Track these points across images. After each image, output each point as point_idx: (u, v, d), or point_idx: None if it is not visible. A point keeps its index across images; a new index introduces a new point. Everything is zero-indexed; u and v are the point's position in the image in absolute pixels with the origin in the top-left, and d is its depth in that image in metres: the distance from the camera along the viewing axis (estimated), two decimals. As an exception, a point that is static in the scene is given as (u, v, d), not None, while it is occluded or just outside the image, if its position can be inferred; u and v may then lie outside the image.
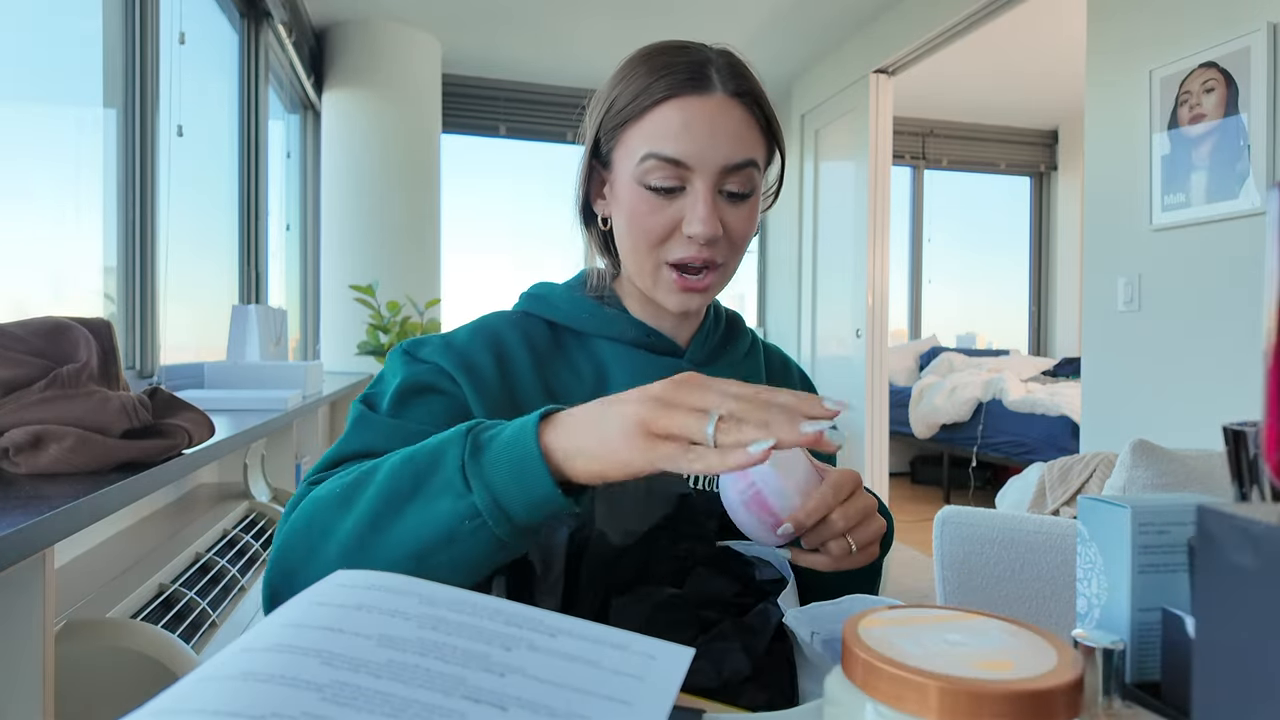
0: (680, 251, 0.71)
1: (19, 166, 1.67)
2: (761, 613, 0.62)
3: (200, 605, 1.30)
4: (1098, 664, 0.40)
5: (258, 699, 0.30)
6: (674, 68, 0.69)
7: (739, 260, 0.76)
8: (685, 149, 0.68)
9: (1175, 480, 1.32)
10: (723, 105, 0.69)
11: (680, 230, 0.70)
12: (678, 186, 0.69)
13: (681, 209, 0.70)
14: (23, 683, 0.77)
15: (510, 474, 0.50)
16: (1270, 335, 0.29)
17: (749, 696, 0.61)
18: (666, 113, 0.69)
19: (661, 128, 0.69)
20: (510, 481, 0.50)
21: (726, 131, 0.69)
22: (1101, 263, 2.61)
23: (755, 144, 0.71)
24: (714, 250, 0.71)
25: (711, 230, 0.69)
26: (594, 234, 0.80)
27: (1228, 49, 2.17)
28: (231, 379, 2.07)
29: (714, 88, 0.69)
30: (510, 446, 0.51)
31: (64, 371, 0.91)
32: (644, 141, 0.69)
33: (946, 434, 4.69)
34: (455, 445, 0.52)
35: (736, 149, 0.69)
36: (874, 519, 0.61)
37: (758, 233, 0.78)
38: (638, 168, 0.70)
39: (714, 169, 0.69)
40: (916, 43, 3.58)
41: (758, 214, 0.75)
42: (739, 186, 0.71)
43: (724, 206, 0.71)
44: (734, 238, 0.72)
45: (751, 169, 0.71)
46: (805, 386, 0.87)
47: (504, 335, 0.74)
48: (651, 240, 0.71)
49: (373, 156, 3.96)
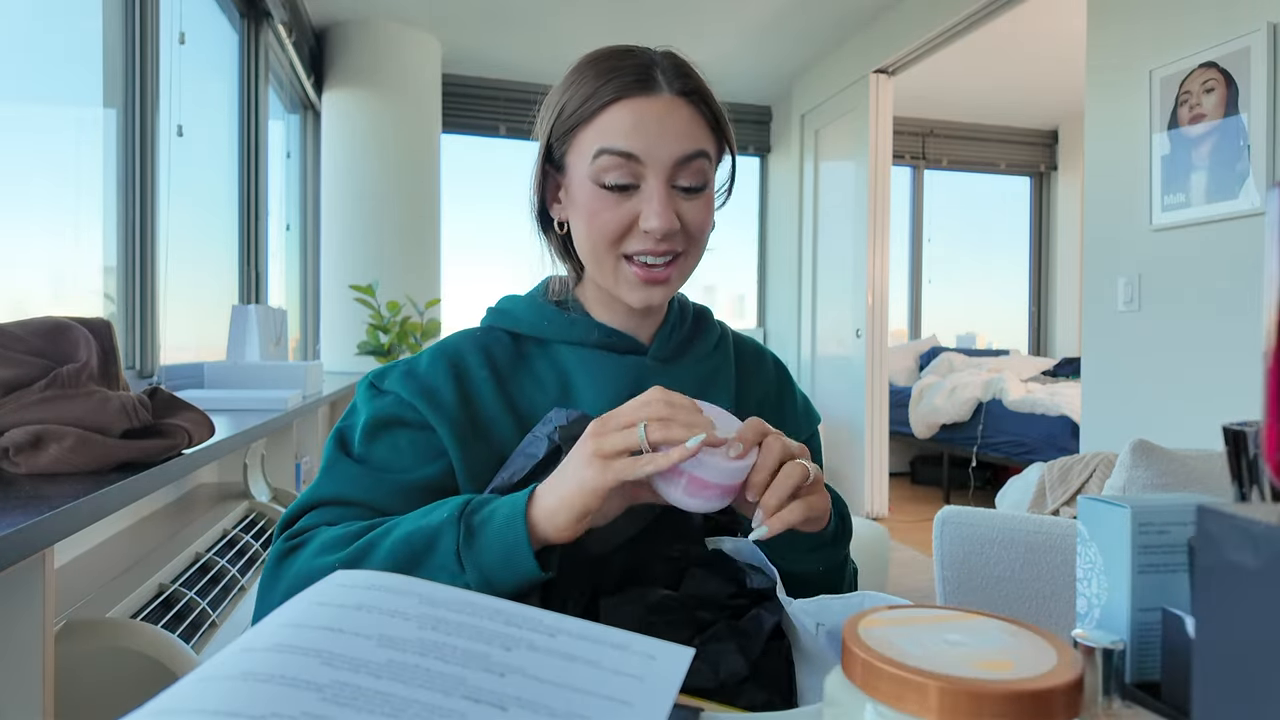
0: (638, 245, 0.72)
1: (19, 166, 1.67)
2: (755, 618, 0.62)
3: (200, 605, 1.30)
4: (1098, 664, 0.40)
5: (258, 699, 0.30)
6: (621, 70, 0.72)
7: (699, 254, 0.77)
8: (637, 144, 0.70)
9: (1175, 480, 1.32)
10: (670, 104, 0.71)
11: (637, 225, 0.71)
12: (632, 184, 0.71)
13: (637, 205, 0.71)
14: (23, 683, 0.77)
15: (501, 559, 0.57)
16: (1270, 335, 0.29)
17: (748, 696, 0.61)
18: (616, 113, 0.71)
19: (612, 127, 0.71)
20: (500, 566, 0.57)
21: (675, 128, 0.71)
22: (1101, 263, 2.61)
23: (704, 138, 0.73)
24: (671, 243, 0.72)
25: (667, 224, 0.70)
26: (553, 239, 0.82)
27: (1228, 49, 2.17)
28: (231, 379, 2.07)
29: (660, 88, 0.71)
30: (502, 532, 0.57)
31: (64, 371, 0.91)
32: (596, 140, 0.71)
33: (946, 434, 4.69)
34: (450, 529, 0.58)
35: (686, 142, 0.71)
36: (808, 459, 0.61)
37: (759, 233, 0.78)
38: (591, 166, 0.71)
39: (666, 163, 0.71)
40: (916, 43, 3.58)
41: (713, 208, 0.76)
42: (692, 179, 0.72)
43: (679, 200, 0.72)
44: (691, 230, 0.73)
45: (702, 160, 0.73)
46: (780, 374, 0.87)
47: (465, 355, 0.76)
48: (609, 237, 0.72)
49: (373, 156, 3.96)
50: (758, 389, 0.84)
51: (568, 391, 0.75)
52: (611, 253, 0.73)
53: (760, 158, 5.33)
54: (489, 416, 0.72)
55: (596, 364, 0.76)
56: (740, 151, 5.46)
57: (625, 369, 0.77)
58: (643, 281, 0.73)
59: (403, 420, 0.71)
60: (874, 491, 4.16)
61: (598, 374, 0.76)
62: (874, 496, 4.17)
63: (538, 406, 0.74)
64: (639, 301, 0.74)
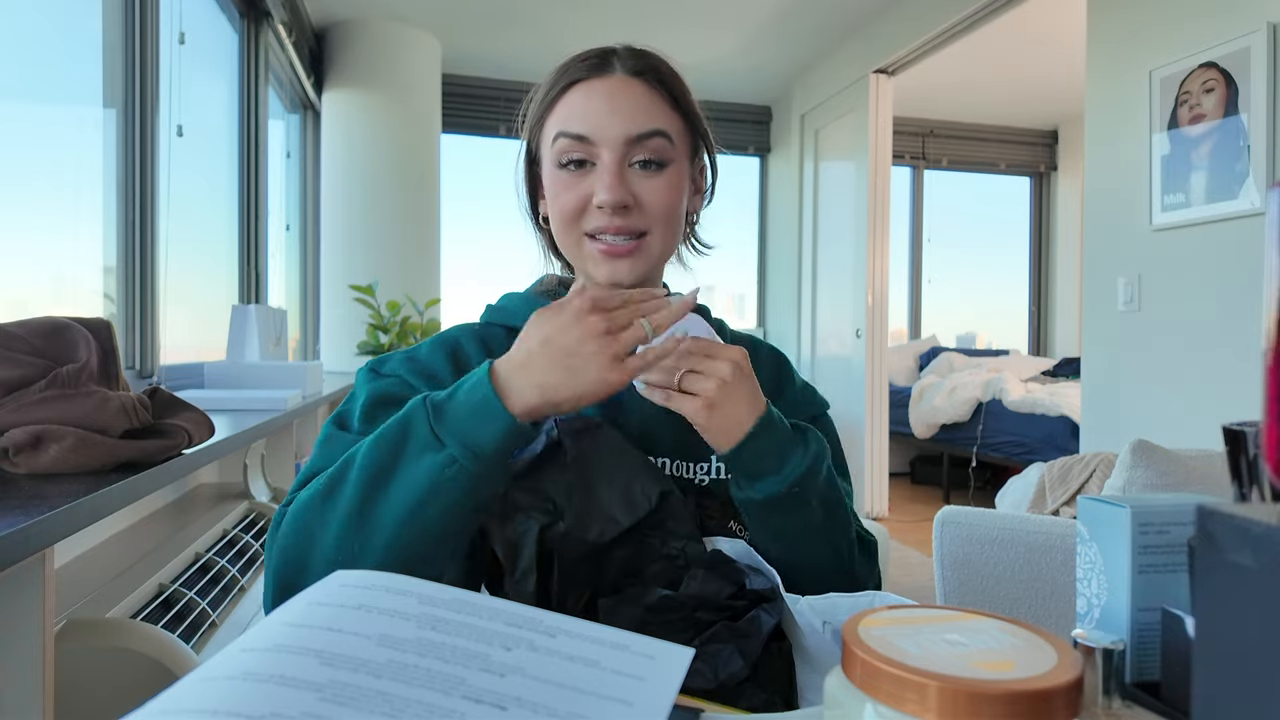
0: (595, 222, 0.73)
1: (19, 166, 1.67)
2: (754, 619, 0.62)
3: (200, 605, 1.30)
4: (1098, 664, 0.40)
5: (258, 699, 0.30)
6: (578, 59, 0.75)
7: (670, 236, 0.77)
8: (587, 124, 0.72)
9: (1175, 480, 1.32)
10: (622, 82, 0.74)
11: (592, 202, 0.73)
12: (587, 160, 0.73)
13: (592, 183, 0.73)
14: (23, 683, 0.77)
15: (473, 419, 0.58)
16: (1270, 335, 0.29)
17: (747, 697, 0.61)
18: (571, 97, 0.74)
19: (567, 110, 0.74)
20: (475, 425, 0.58)
21: (626, 106, 0.73)
22: (1101, 263, 2.61)
23: (661, 117, 0.74)
24: (627, 218, 0.73)
25: (616, 197, 0.71)
26: (543, 235, 0.84)
27: (1228, 49, 2.17)
28: (231, 379, 2.07)
29: (613, 69, 0.74)
30: (469, 396, 0.59)
31: (64, 371, 0.91)
32: (555, 126, 0.74)
33: (946, 434, 4.69)
34: (419, 413, 0.60)
35: (638, 120, 0.72)
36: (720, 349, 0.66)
37: (760, 233, 0.79)
38: (552, 151, 0.74)
39: (617, 140, 0.72)
40: (916, 43, 3.58)
41: (679, 188, 0.76)
42: (649, 155, 0.73)
43: (636, 178, 0.73)
44: (652, 208, 0.74)
45: (659, 139, 0.73)
46: (776, 364, 0.87)
47: (464, 344, 0.77)
48: (568, 215, 0.74)
49: (373, 156, 3.96)
50: None
51: None
52: (573, 231, 0.75)
53: (760, 158, 5.33)
54: None
55: None
56: (740, 151, 5.47)
57: None
58: (604, 255, 0.74)
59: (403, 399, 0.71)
60: (874, 491, 4.16)
61: None
62: (874, 496, 4.17)
63: None
64: (605, 277, 0.75)
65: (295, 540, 0.61)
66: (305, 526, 0.61)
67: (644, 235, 0.74)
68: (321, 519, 0.60)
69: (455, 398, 0.60)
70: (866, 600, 0.56)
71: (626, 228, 0.73)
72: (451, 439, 0.58)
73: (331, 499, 0.60)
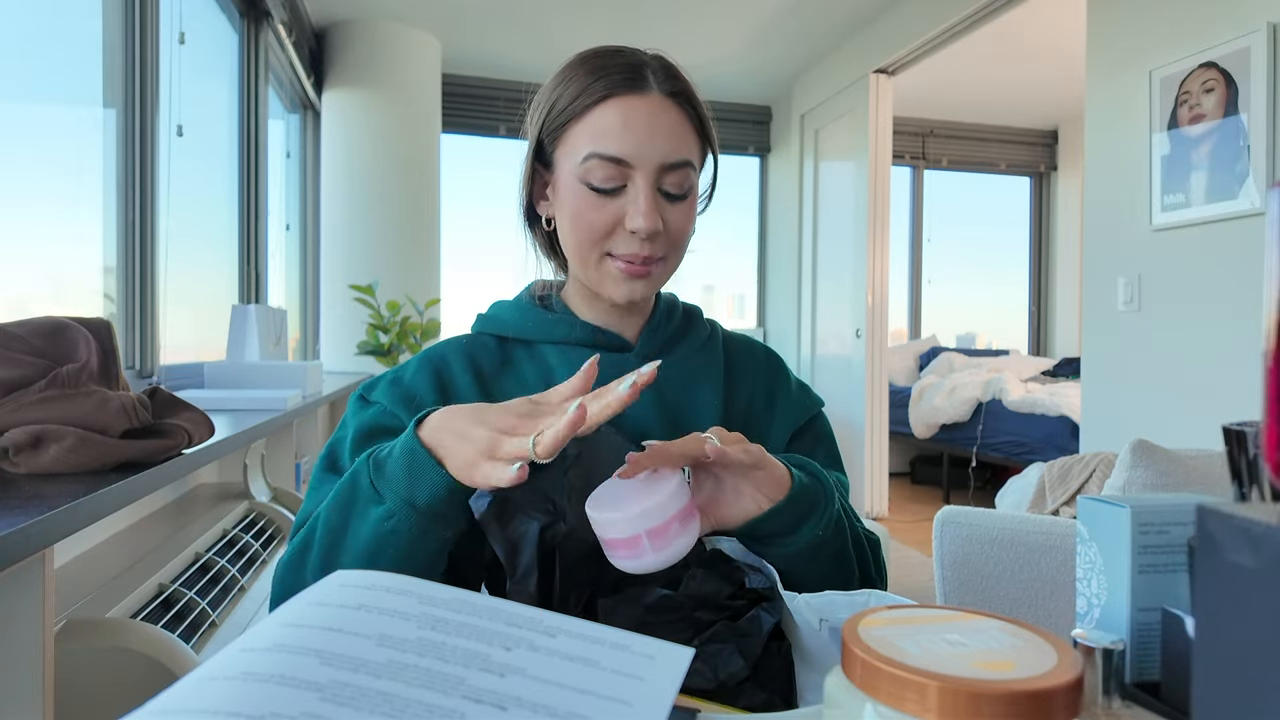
0: (623, 247, 0.73)
1: (19, 166, 1.67)
2: (754, 618, 0.62)
3: (200, 605, 1.30)
4: (1098, 664, 0.40)
5: (257, 699, 0.30)
6: (611, 69, 0.72)
7: (679, 259, 0.78)
8: (626, 148, 0.71)
9: (1175, 480, 1.32)
10: (660, 104, 0.72)
11: (623, 226, 0.72)
12: (619, 186, 0.72)
13: (623, 206, 0.72)
14: (23, 682, 0.77)
15: (405, 473, 0.59)
16: (1270, 335, 0.29)
17: (747, 696, 0.61)
18: (606, 111, 0.71)
19: (602, 126, 0.71)
20: (406, 478, 0.59)
21: (664, 130, 0.72)
22: (1101, 263, 2.61)
23: (691, 145, 0.74)
24: (654, 246, 0.73)
25: (653, 225, 0.71)
26: (538, 235, 0.83)
27: (1228, 49, 2.17)
28: (231, 379, 2.07)
29: (650, 87, 0.72)
30: (401, 452, 0.60)
31: (64, 371, 0.91)
32: (586, 141, 0.72)
33: (946, 434, 4.69)
34: (363, 470, 0.62)
35: (674, 148, 0.72)
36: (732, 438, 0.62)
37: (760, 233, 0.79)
38: (580, 167, 0.72)
39: (653, 166, 0.71)
40: (916, 43, 3.58)
41: (694, 214, 0.77)
42: (675, 187, 0.73)
43: (663, 204, 0.73)
44: (673, 235, 0.74)
45: (688, 169, 0.74)
46: (771, 365, 0.86)
47: (449, 362, 0.77)
48: (595, 236, 0.73)
49: (373, 156, 3.96)
50: (746, 383, 0.84)
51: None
52: (595, 250, 0.74)
53: (760, 158, 5.33)
54: None
55: (580, 362, 0.76)
56: (740, 151, 5.47)
57: (610, 365, 0.77)
58: (626, 275, 0.74)
59: (387, 429, 0.73)
60: (874, 491, 4.16)
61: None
62: (874, 496, 4.17)
63: None
64: (622, 296, 0.75)
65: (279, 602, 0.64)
66: (287, 590, 0.64)
67: (660, 260, 0.75)
68: (298, 581, 0.63)
69: (393, 452, 0.61)
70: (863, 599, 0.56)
71: (651, 255, 0.73)
72: (389, 493, 0.59)
73: (303, 561, 0.64)
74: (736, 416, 0.80)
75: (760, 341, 0.90)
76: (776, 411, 0.82)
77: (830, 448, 0.85)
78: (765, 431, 0.81)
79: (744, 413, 0.81)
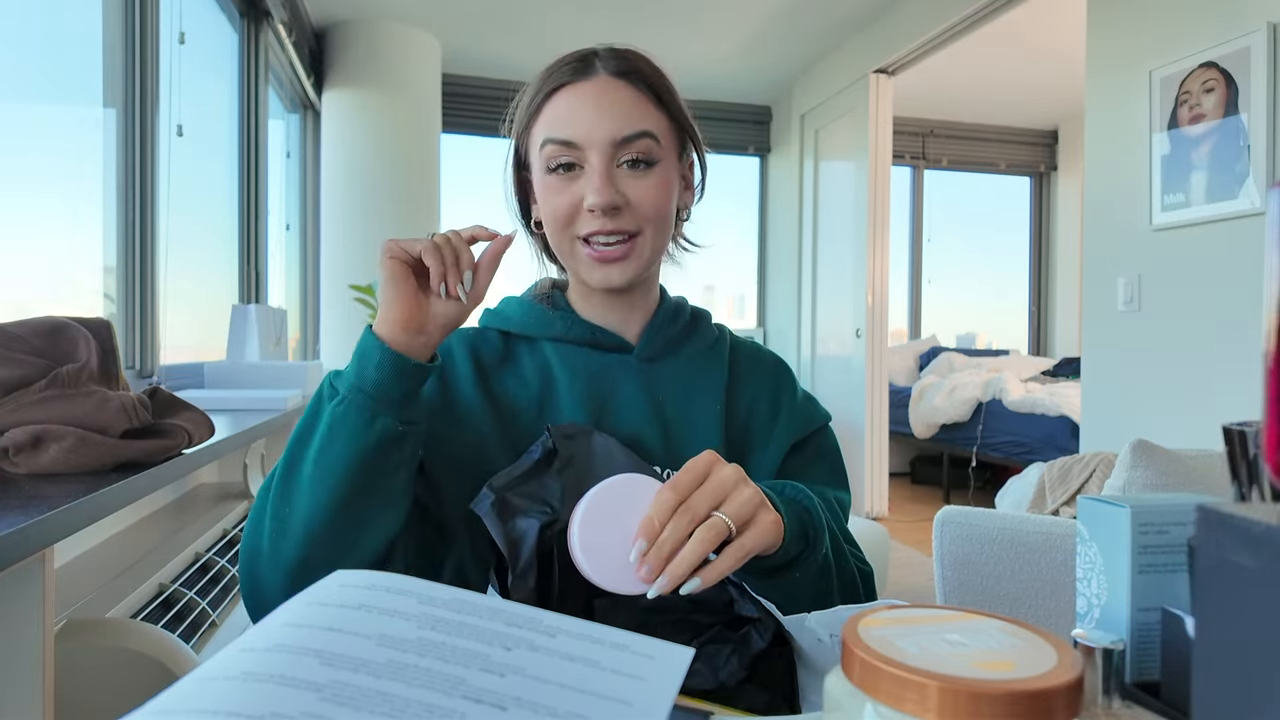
0: (587, 226, 0.73)
1: (19, 166, 1.67)
2: (745, 635, 0.62)
3: (200, 605, 1.30)
4: (1098, 664, 0.40)
5: (257, 699, 0.30)
6: (561, 64, 0.76)
7: (661, 235, 0.77)
8: (575, 130, 0.72)
9: (1175, 480, 1.32)
10: (606, 84, 0.74)
11: (583, 206, 0.73)
12: (575, 164, 0.73)
13: (582, 187, 0.73)
14: (23, 683, 0.77)
15: (355, 364, 0.64)
16: (1270, 335, 0.29)
17: (748, 697, 0.61)
18: (556, 102, 0.74)
19: (554, 115, 0.74)
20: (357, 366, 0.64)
21: (611, 107, 0.73)
22: (1101, 263, 2.61)
23: (646, 117, 0.74)
24: (618, 220, 0.73)
25: (606, 199, 0.71)
26: (537, 238, 0.84)
27: (1228, 49, 2.17)
28: (231, 379, 2.07)
29: (596, 71, 0.75)
30: (355, 352, 0.65)
31: (64, 371, 0.91)
32: (542, 130, 0.75)
33: (946, 434, 4.69)
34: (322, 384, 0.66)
35: (625, 123, 0.73)
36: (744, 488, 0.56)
37: (760, 233, 0.79)
38: (540, 156, 0.75)
39: (603, 143, 0.72)
40: (916, 43, 3.58)
41: (669, 186, 0.76)
42: (636, 155, 0.73)
43: (625, 178, 0.73)
44: (642, 207, 0.73)
45: (646, 140, 0.73)
46: (779, 374, 0.85)
47: (451, 350, 0.79)
48: (560, 220, 0.74)
49: (373, 156, 3.96)
50: (749, 391, 0.82)
51: (550, 388, 0.76)
52: (566, 235, 0.75)
53: (760, 158, 5.33)
54: (466, 407, 0.75)
55: (578, 360, 0.77)
56: (740, 151, 5.47)
57: (607, 366, 0.77)
58: (596, 261, 0.74)
59: None
60: (874, 491, 4.16)
61: (577, 370, 0.77)
62: (874, 496, 4.17)
63: (519, 401, 0.76)
64: (598, 282, 0.75)
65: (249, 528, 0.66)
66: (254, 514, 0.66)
67: (635, 236, 0.74)
68: (261, 502, 0.66)
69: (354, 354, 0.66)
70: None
71: (618, 229, 0.73)
72: (343, 385, 0.64)
73: (272, 475, 0.66)
74: (737, 424, 0.80)
75: (770, 350, 0.89)
76: (779, 421, 0.81)
77: (834, 463, 0.83)
78: (766, 441, 0.80)
79: (745, 421, 0.80)
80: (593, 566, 0.54)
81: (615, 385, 0.76)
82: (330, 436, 0.63)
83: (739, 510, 0.55)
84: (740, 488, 0.56)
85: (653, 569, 0.52)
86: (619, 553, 0.54)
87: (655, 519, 0.53)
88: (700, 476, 0.56)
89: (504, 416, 0.74)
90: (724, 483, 0.55)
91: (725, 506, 0.55)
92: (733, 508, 0.55)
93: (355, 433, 0.62)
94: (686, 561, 0.52)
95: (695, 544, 0.53)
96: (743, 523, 0.55)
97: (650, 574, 0.53)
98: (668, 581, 0.52)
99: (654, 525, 0.53)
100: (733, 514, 0.54)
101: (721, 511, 0.54)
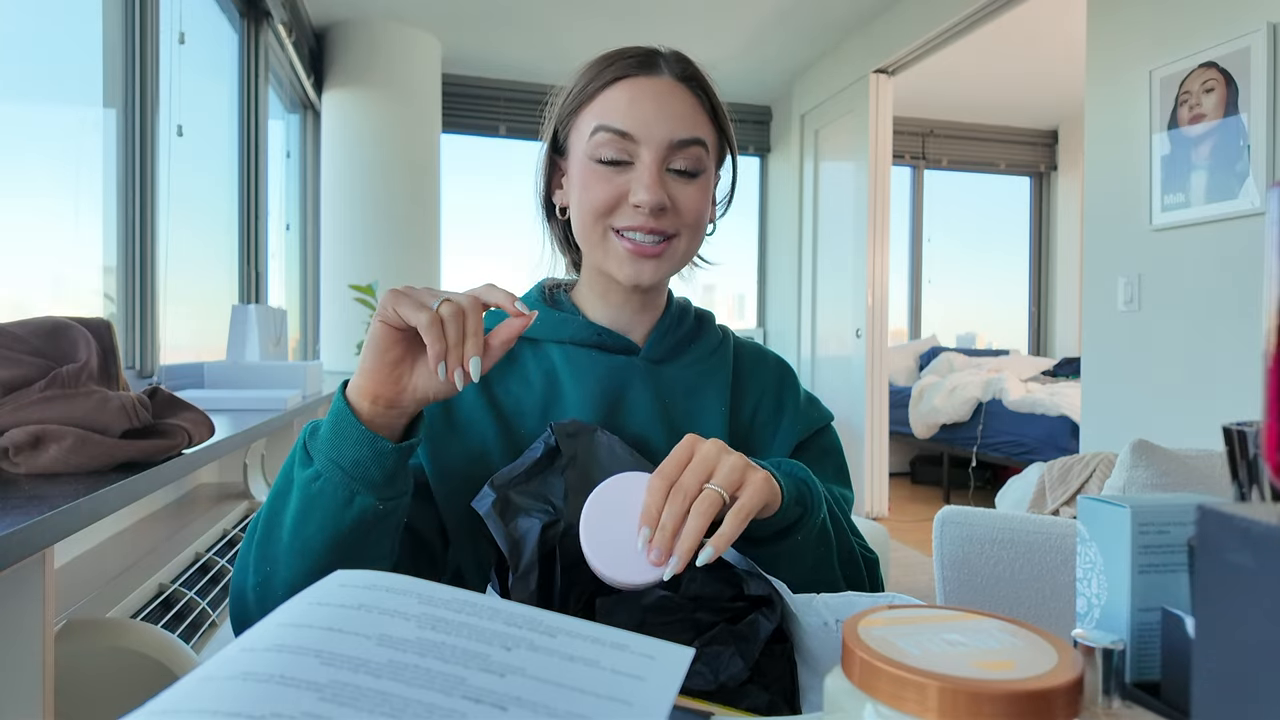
0: (627, 220, 0.72)
1: (19, 166, 1.67)
2: (752, 623, 0.62)
3: (200, 605, 1.30)
4: (1098, 664, 0.40)
5: (258, 699, 0.30)
6: (624, 56, 0.74)
7: (694, 242, 0.77)
8: (632, 122, 0.71)
9: (1175, 480, 1.32)
10: (670, 86, 0.73)
11: (627, 200, 0.72)
12: (625, 160, 0.72)
13: (629, 181, 0.72)
14: (23, 683, 0.77)
15: (331, 434, 0.60)
16: (1270, 335, 0.29)
17: (749, 698, 0.61)
18: (616, 92, 0.73)
19: (610, 103, 0.72)
20: (336, 439, 0.60)
21: (672, 110, 0.72)
22: (1101, 263, 2.61)
23: (702, 126, 0.74)
24: (661, 221, 0.72)
25: (656, 198, 0.70)
26: (555, 226, 0.83)
27: (1228, 49, 2.17)
28: (231, 379, 2.07)
29: (661, 71, 0.74)
30: (330, 418, 0.61)
31: (64, 371, 0.91)
32: (595, 117, 0.73)
33: (946, 434, 4.69)
34: (301, 436, 0.63)
35: (682, 126, 0.72)
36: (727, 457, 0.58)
37: (760, 233, 0.79)
38: (589, 143, 0.73)
39: (660, 143, 0.71)
40: (916, 43, 3.58)
41: (709, 196, 0.76)
42: (686, 164, 0.73)
43: (672, 182, 0.73)
44: (684, 214, 0.73)
45: (698, 148, 0.73)
46: (782, 375, 0.85)
47: None
48: (599, 209, 0.73)
49: (373, 156, 3.96)
50: (753, 392, 0.83)
51: (554, 390, 0.75)
52: (600, 224, 0.73)
53: (760, 158, 5.33)
54: (468, 414, 0.74)
55: (585, 363, 0.76)
56: (740, 151, 5.46)
57: (614, 368, 0.76)
58: (631, 254, 0.73)
59: None
60: (874, 491, 4.16)
61: (585, 373, 0.75)
62: (874, 496, 4.17)
63: (523, 405, 0.74)
64: (627, 277, 0.74)
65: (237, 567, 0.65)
66: (241, 554, 0.65)
67: (673, 238, 0.74)
68: (247, 545, 0.65)
69: (324, 422, 0.62)
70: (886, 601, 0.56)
71: (659, 229, 0.72)
72: (319, 455, 0.60)
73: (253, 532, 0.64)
74: (741, 425, 0.80)
75: (773, 351, 0.89)
76: (783, 421, 0.81)
77: (838, 461, 0.84)
78: (769, 442, 0.80)
79: (749, 422, 0.80)
80: (608, 567, 0.56)
81: (624, 387, 0.75)
82: (305, 512, 0.60)
83: (728, 477, 0.57)
84: (724, 457, 0.58)
85: (662, 551, 0.55)
86: (628, 546, 0.56)
87: (652, 505, 0.56)
88: (685, 458, 0.58)
89: (507, 420, 0.74)
90: (707, 457, 0.58)
91: (714, 478, 0.57)
92: (721, 476, 0.57)
93: (330, 513, 0.59)
94: (691, 536, 0.54)
95: (695, 518, 0.55)
96: (735, 488, 0.57)
97: (661, 556, 0.55)
98: (679, 560, 0.54)
99: (653, 511, 0.56)
100: (723, 482, 0.56)
101: (712, 483, 0.56)
